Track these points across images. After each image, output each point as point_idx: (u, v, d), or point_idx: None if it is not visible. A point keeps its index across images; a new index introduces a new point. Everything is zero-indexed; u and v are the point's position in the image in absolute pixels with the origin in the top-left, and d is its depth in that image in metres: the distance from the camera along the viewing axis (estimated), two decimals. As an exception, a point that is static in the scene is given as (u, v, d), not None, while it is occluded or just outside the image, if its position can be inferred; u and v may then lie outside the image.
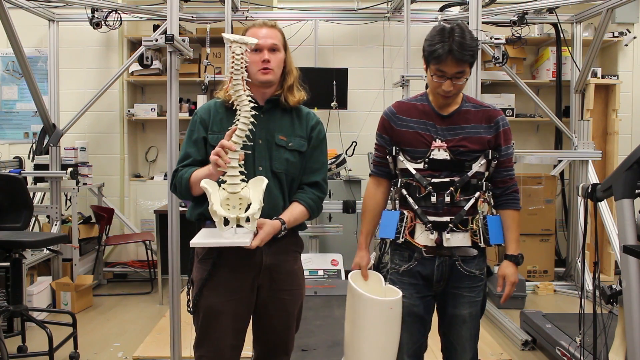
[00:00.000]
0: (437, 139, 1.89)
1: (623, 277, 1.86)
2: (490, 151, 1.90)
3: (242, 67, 1.68)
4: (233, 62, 1.68)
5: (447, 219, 1.87)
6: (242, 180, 1.71)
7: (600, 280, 2.40)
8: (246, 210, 1.68)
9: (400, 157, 1.94)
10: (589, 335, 2.23)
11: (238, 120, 1.69)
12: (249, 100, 1.69)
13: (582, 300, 2.33)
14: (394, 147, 1.96)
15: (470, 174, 1.89)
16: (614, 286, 2.26)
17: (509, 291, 1.91)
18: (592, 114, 4.94)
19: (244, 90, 1.69)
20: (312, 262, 4.34)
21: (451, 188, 1.87)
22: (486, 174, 1.93)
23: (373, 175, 2.06)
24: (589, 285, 4.06)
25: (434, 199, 1.87)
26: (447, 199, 1.87)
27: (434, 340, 2.04)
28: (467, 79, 1.84)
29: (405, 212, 1.92)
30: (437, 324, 2.01)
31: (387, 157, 1.98)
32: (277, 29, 1.88)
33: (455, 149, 1.88)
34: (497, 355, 3.22)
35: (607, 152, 5.11)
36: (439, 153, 1.88)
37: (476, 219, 1.89)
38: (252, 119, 1.69)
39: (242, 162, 1.70)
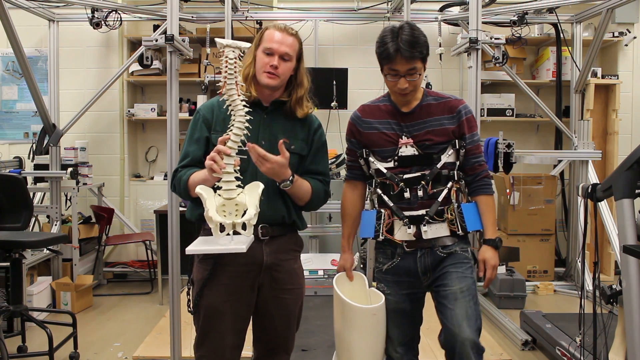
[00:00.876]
0: (403, 136, 1.92)
1: (623, 277, 1.86)
2: (456, 141, 1.93)
3: (235, 72, 1.67)
4: (227, 66, 1.67)
5: (422, 212, 1.90)
6: (238, 186, 1.69)
7: (600, 280, 2.40)
8: (242, 216, 1.67)
9: (371, 159, 1.98)
10: (589, 335, 2.23)
11: (233, 125, 1.68)
12: (244, 105, 1.68)
13: (582, 300, 2.33)
14: (363, 150, 1.99)
15: (439, 165, 1.91)
16: (614, 286, 2.26)
17: (490, 275, 1.91)
18: (592, 114, 4.94)
19: (238, 95, 1.68)
20: (312, 262, 4.34)
21: (422, 182, 1.90)
22: (457, 163, 1.95)
23: (348, 180, 2.09)
24: (589, 285, 4.06)
25: (407, 195, 1.91)
26: (420, 192, 1.90)
27: (433, 340, 2.04)
28: (420, 75, 1.86)
29: (382, 210, 1.96)
30: (436, 314, 1.97)
31: (359, 159, 2.01)
32: (296, 38, 1.88)
33: (422, 143, 1.91)
34: (497, 355, 3.22)
35: (607, 152, 5.10)
36: (407, 149, 1.92)
37: (451, 208, 1.91)
38: (247, 124, 1.69)
39: (238, 167, 1.69)
